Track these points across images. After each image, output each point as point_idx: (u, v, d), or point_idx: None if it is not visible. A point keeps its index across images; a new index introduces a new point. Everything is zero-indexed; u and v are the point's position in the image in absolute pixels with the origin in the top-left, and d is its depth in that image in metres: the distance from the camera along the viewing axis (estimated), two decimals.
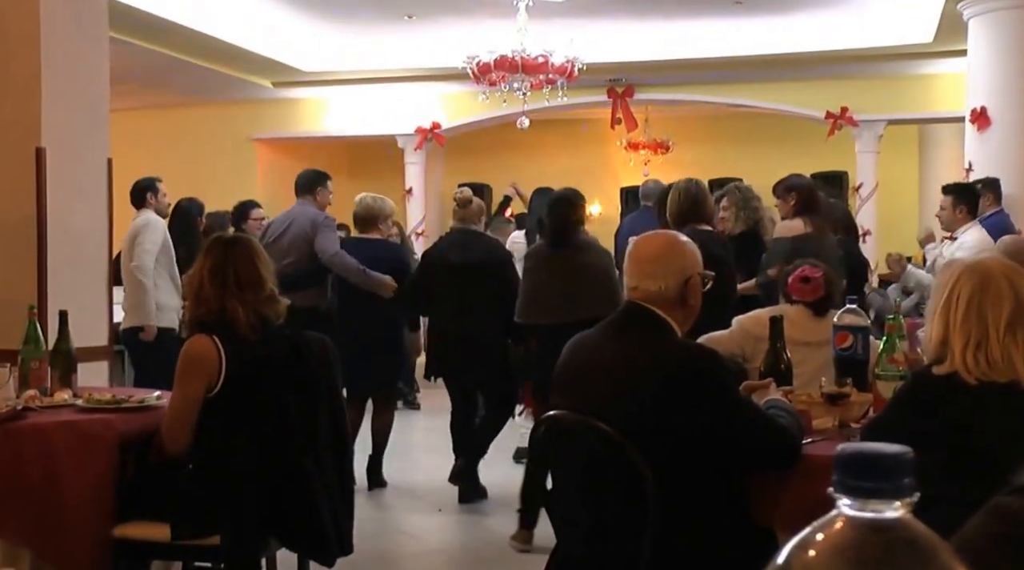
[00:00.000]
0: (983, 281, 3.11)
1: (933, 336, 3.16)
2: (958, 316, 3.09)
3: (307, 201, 8.06)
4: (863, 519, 0.82)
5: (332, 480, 4.18)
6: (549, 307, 6.60)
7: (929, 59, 12.84)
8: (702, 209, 6.68)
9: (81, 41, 6.05)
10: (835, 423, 3.71)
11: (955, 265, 3.29)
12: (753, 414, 3.31)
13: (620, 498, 3.21)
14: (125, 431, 4.14)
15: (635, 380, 3.22)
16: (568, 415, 3.34)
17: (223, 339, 4.01)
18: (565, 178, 16.85)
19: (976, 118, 9.49)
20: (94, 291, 6.04)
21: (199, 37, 11.68)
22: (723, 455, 3.20)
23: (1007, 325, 3.05)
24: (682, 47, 12.78)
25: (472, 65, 10.63)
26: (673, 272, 3.39)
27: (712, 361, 3.28)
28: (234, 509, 3.98)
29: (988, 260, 3.28)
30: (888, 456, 0.82)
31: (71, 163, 5.92)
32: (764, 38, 12.48)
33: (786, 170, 8.20)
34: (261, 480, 4.00)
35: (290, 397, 4.07)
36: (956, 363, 3.06)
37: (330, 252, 7.66)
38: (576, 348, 3.56)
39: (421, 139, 15.26)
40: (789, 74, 13.80)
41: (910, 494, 0.82)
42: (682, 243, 3.54)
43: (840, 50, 12.58)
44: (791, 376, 4.04)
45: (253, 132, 15.65)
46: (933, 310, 3.20)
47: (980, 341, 3.05)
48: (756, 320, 4.75)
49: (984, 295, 3.09)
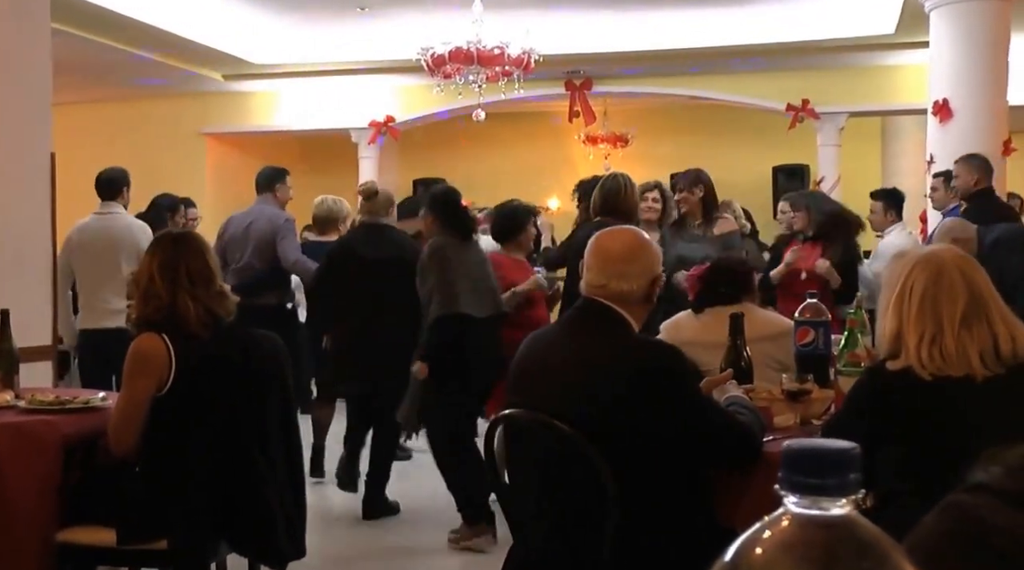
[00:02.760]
0: (936, 274, 3.11)
1: (887, 330, 3.16)
2: (912, 310, 3.10)
3: (267, 198, 8.03)
4: (809, 517, 0.82)
5: (284, 481, 4.18)
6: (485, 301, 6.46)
7: (891, 51, 12.93)
8: (624, 203, 6.74)
9: (22, 32, 6.00)
10: (797, 420, 3.73)
11: (907, 256, 3.28)
12: (715, 412, 3.32)
13: (579, 498, 3.21)
14: (69, 433, 4.12)
15: (595, 378, 3.23)
16: (524, 413, 3.34)
17: (172, 337, 3.99)
18: (523, 172, 16.95)
19: (938, 110, 9.56)
20: (37, 289, 6.00)
21: (146, 28, 11.60)
22: (685, 454, 3.21)
23: (962, 318, 3.06)
24: (641, 38, 12.80)
25: (426, 57, 10.60)
26: (644, 272, 3.42)
27: (674, 358, 3.29)
28: (183, 512, 3.96)
29: (941, 251, 3.27)
30: (833, 452, 0.82)
31: (12, 158, 5.87)
32: (724, 29, 12.52)
33: (745, 162, 8.27)
34: (211, 482, 3.99)
35: (241, 397, 4.06)
36: (911, 358, 3.07)
37: (291, 259, 7.68)
38: (532, 345, 3.56)
39: (375, 133, 15.22)
40: (750, 65, 13.85)
41: (855, 490, 0.83)
42: (647, 241, 3.57)
43: (801, 41, 12.64)
44: (752, 373, 4.06)
45: (202, 126, 15.56)
46: (886, 304, 3.20)
47: (935, 335, 3.06)
48: (675, 327, 4.80)
49: (938, 288, 3.09)
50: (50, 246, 6.17)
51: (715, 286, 4.86)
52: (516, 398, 3.43)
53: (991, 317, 3.08)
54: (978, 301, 3.09)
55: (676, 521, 3.23)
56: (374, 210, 7.19)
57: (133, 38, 12.04)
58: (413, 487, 7.60)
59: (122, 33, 11.75)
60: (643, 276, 3.40)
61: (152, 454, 4.03)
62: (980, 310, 3.08)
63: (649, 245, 3.55)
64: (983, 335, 3.06)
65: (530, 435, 3.33)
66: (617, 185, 6.84)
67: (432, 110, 14.81)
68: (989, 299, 3.12)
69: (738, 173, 7.97)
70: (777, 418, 3.71)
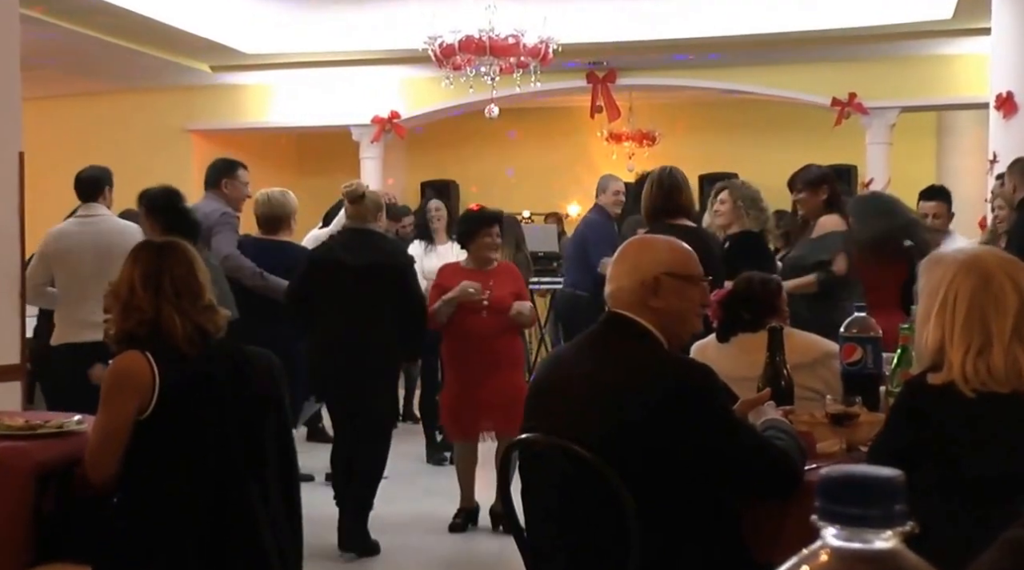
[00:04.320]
0: (983, 280, 3.10)
1: (928, 342, 3.15)
2: (958, 320, 3.08)
3: (210, 195, 8.00)
4: (850, 550, 0.82)
5: (278, 511, 4.18)
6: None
7: (948, 38, 12.87)
8: (677, 201, 6.78)
9: None
10: (842, 446, 3.72)
11: (946, 261, 3.25)
12: (749, 437, 3.31)
13: (600, 530, 3.22)
14: (42, 460, 4.11)
15: (617, 398, 3.23)
16: (541, 438, 3.35)
17: (156, 354, 3.99)
18: (540, 173, 16.96)
19: (1001, 104, 9.53)
20: (4, 302, 5.99)
21: (125, 14, 11.60)
22: (716, 482, 3.21)
23: (1013, 329, 3.05)
24: (670, 26, 12.78)
25: (434, 47, 10.61)
26: (633, 269, 3.43)
27: (704, 377, 3.29)
28: (168, 546, 3.96)
29: (984, 254, 3.26)
30: (876, 480, 0.82)
31: None
32: (762, 16, 12.50)
33: (786, 164, 8.26)
34: (198, 513, 3.99)
35: (232, 420, 4.07)
36: (955, 372, 3.06)
37: (223, 252, 7.61)
38: (552, 363, 3.57)
39: (379, 130, 15.24)
40: (790, 55, 13.84)
41: (902, 522, 0.82)
42: (647, 240, 3.59)
43: (848, 28, 12.59)
44: (792, 393, 4.04)
45: (188, 123, 15.60)
46: (927, 313, 3.18)
47: (982, 348, 3.05)
48: (701, 354, 4.77)
49: (986, 296, 3.08)
50: (19, 254, 6.16)
51: (736, 312, 4.84)
52: (533, 421, 3.44)
53: None
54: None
55: (706, 556, 3.22)
56: (360, 214, 7.26)
57: (110, 25, 12.06)
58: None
59: (98, 20, 11.77)
60: (632, 274, 3.42)
61: (133, 483, 4.03)
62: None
63: (644, 244, 3.61)
64: None
65: (548, 461, 3.34)
66: (676, 180, 6.98)
67: (441, 105, 14.83)
68: None
69: (776, 176, 7.92)
70: (820, 444, 3.70)
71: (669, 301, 3.41)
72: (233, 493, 4.04)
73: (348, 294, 7.02)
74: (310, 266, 7.28)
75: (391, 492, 7.81)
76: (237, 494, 4.05)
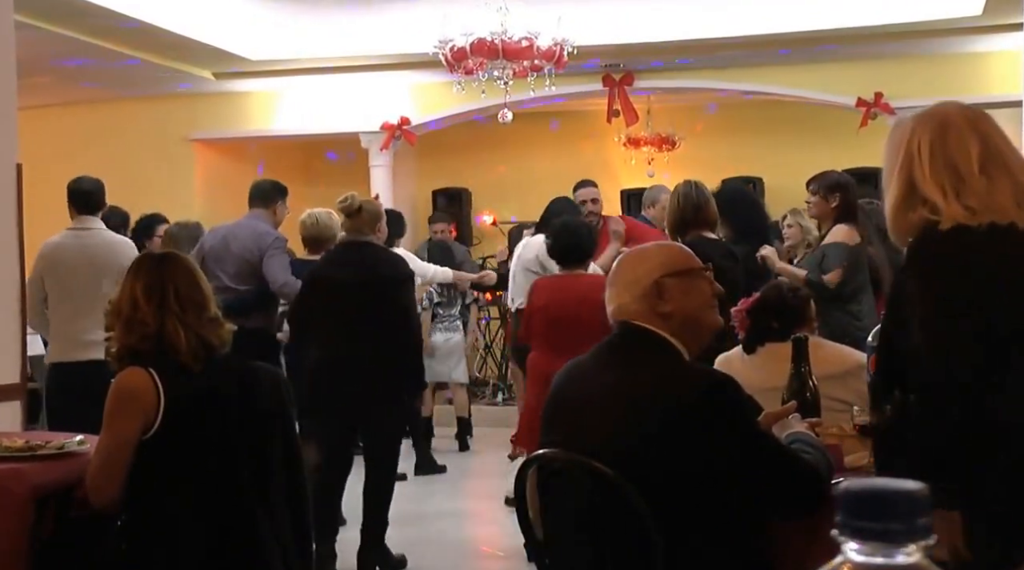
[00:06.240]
0: (942, 126, 3.12)
1: (894, 197, 3.16)
2: (925, 169, 3.09)
3: (261, 214, 8.09)
4: (872, 565, 0.82)
5: (287, 534, 4.18)
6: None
7: (978, 35, 12.84)
8: (704, 214, 6.91)
9: None
10: (871, 459, 3.71)
11: (904, 119, 3.29)
12: (774, 451, 3.31)
13: (620, 548, 3.22)
14: (41, 483, 4.11)
15: (638, 411, 3.23)
16: (559, 453, 3.35)
17: (160, 371, 3.99)
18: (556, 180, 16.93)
19: None
20: (3, 319, 6.00)
21: (124, 21, 11.62)
22: (741, 498, 3.21)
23: (980, 168, 3.06)
24: (689, 27, 12.77)
25: (445, 50, 10.61)
26: (627, 285, 3.44)
27: (726, 389, 3.29)
28: (172, 568, 3.97)
29: (942, 105, 3.27)
30: (898, 493, 0.82)
31: None
32: (784, 14, 12.49)
33: (810, 167, 8.28)
34: (203, 536, 4.00)
35: (238, 438, 4.07)
36: (954, 211, 3.04)
37: (279, 281, 7.73)
38: (568, 376, 3.57)
39: (388, 137, 15.24)
40: (814, 55, 13.81)
41: (925, 536, 0.82)
42: (636, 252, 3.61)
43: (873, 26, 12.56)
44: (819, 405, 4.04)
45: (191, 131, 15.60)
46: (890, 172, 3.20)
47: (957, 187, 3.06)
48: (727, 365, 4.80)
49: (947, 139, 3.10)
50: (18, 270, 6.17)
51: (766, 321, 4.86)
52: (553, 435, 3.44)
53: (1011, 167, 3.08)
54: (993, 152, 3.09)
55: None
56: (357, 228, 7.30)
57: (109, 32, 12.08)
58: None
59: (97, 26, 11.78)
60: (631, 287, 3.44)
61: (136, 505, 4.03)
62: (998, 159, 3.08)
63: (641, 253, 3.63)
64: (1005, 185, 3.05)
65: (567, 478, 3.34)
66: (702, 194, 7.15)
67: (452, 110, 14.84)
68: (1006, 150, 3.12)
69: (800, 179, 7.94)
70: (848, 457, 3.70)
71: (677, 302, 3.42)
72: (239, 515, 4.04)
73: (344, 311, 7.04)
74: (307, 282, 7.34)
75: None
76: (243, 516, 4.05)
